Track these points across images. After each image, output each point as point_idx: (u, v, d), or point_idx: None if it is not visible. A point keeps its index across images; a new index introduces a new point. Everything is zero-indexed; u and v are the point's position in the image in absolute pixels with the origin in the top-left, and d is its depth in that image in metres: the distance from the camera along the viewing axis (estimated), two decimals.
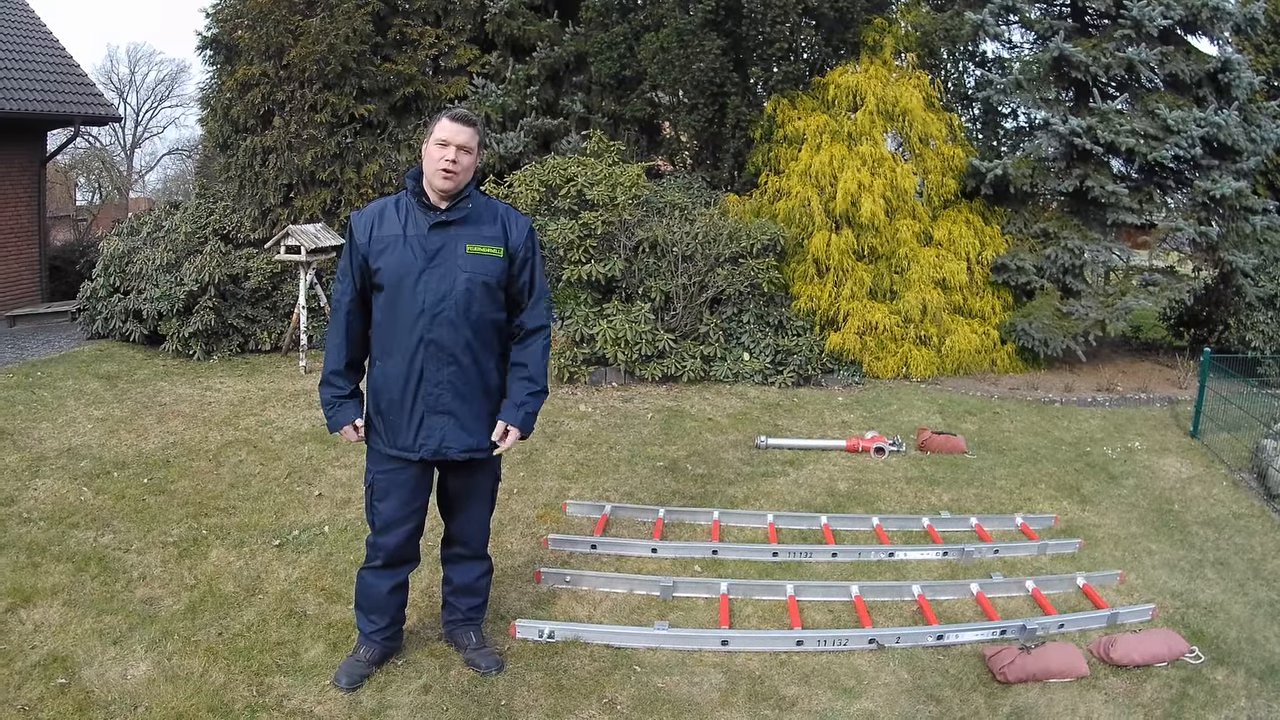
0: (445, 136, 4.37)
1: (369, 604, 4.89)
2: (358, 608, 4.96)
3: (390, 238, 4.45)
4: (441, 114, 4.46)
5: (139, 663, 4.96)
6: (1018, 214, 12.69)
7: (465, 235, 4.50)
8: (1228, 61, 11.77)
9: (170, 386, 10.46)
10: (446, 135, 4.37)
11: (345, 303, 4.58)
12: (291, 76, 13.05)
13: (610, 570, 6.31)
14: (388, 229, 4.46)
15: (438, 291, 4.42)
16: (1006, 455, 8.99)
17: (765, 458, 8.74)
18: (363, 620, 4.94)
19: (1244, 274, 12.13)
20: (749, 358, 11.35)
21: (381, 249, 4.44)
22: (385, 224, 4.48)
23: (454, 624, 5.17)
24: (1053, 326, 11.78)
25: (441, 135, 4.38)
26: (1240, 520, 7.61)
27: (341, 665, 4.89)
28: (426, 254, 4.43)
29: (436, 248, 4.45)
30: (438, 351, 4.48)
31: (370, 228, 4.48)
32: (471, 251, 4.49)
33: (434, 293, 4.42)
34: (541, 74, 14.03)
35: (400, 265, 4.42)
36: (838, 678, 5.09)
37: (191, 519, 6.87)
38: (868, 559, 6.65)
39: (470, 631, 5.13)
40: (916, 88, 12.51)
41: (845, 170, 11.98)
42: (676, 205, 11.98)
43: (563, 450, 8.72)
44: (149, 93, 48.81)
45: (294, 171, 13.29)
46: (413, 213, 4.49)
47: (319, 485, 7.60)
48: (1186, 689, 5.14)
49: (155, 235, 12.99)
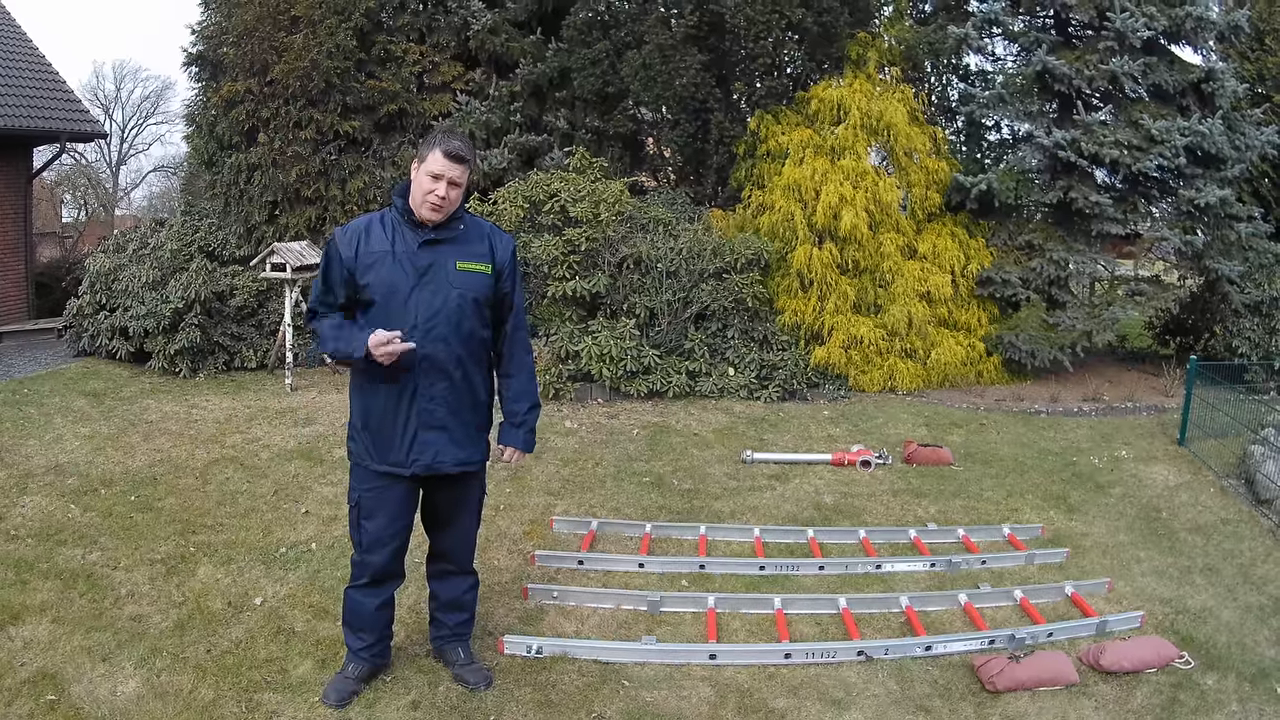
0: (439, 170, 4.34)
1: (357, 621, 4.85)
2: (345, 625, 4.93)
3: (379, 253, 4.41)
4: (437, 143, 4.38)
5: (128, 680, 4.94)
6: (1002, 226, 12.74)
7: (455, 253, 4.49)
8: (1211, 71, 11.86)
9: (157, 404, 10.42)
10: (440, 169, 4.34)
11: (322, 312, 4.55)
12: (276, 93, 13.03)
13: (597, 585, 6.30)
14: (375, 245, 4.43)
15: (430, 308, 4.41)
16: (993, 466, 9.00)
17: (751, 472, 8.73)
18: (351, 637, 4.90)
19: (1230, 281, 12.16)
20: (734, 373, 11.36)
21: (369, 264, 4.40)
22: (372, 240, 4.44)
23: (442, 639, 5.15)
24: (1040, 338, 11.82)
25: (435, 169, 4.34)
26: (1228, 526, 7.63)
27: (330, 682, 4.87)
28: (417, 271, 4.41)
29: (426, 264, 4.43)
30: (430, 367, 4.45)
31: (356, 243, 4.44)
32: (462, 269, 4.48)
33: (426, 309, 4.40)
34: (525, 90, 14.06)
35: (390, 282, 4.39)
36: (826, 690, 5.09)
37: (179, 536, 6.84)
38: (855, 571, 6.63)
39: (458, 647, 5.12)
40: (901, 101, 12.57)
41: (828, 184, 12.01)
42: (660, 221, 12.01)
43: (549, 467, 8.70)
44: (135, 109, 48.50)
45: (279, 188, 13.27)
46: (400, 229, 4.46)
47: (306, 503, 7.57)
48: (1177, 694, 5.15)
49: (141, 253, 12.94)
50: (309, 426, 9.62)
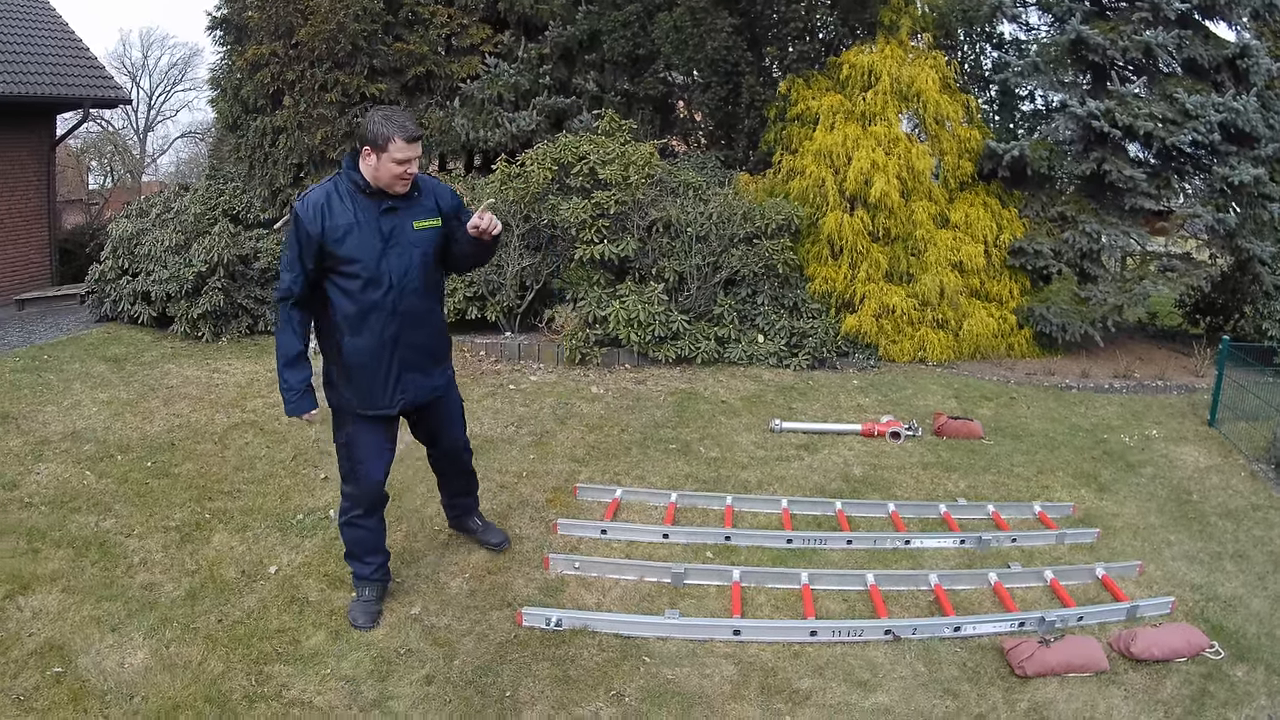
0: (406, 156, 4.80)
1: (363, 549, 5.34)
2: (350, 558, 5.40)
3: (345, 225, 4.82)
4: (395, 130, 4.74)
5: (136, 651, 4.89)
6: (1035, 197, 12.51)
7: (410, 215, 5.00)
8: (1246, 47, 11.57)
9: (178, 369, 10.37)
10: (407, 155, 4.80)
11: (297, 292, 4.90)
12: (301, 56, 12.89)
13: (620, 556, 6.22)
14: (339, 218, 4.82)
15: (400, 268, 4.93)
16: (1023, 441, 8.85)
17: (779, 441, 8.61)
18: (360, 566, 5.38)
19: (1261, 262, 11.94)
20: (763, 340, 11.22)
21: (339, 236, 4.80)
22: (335, 213, 4.83)
23: (460, 515, 6.16)
24: (1070, 311, 11.62)
25: (401, 155, 4.78)
26: (1259, 512, 7.47)
27: (352, 611, 5.32)
28: (382, 237, 4.89)
29: (390, 229, 4.92)
30: (409, 320, 5.02)
31: (321, 218, 4.80)
32: (419, 227, 5.02)
33: (398, 269, 4.92)
34: (554, 53, 13.89)
35: (363, 249, 4.84)
36: (852, 670, 4.99)
37: (194, 503, 6.79)
38: (883, 546, 6.53)
39: (474, 516, 6.18)
40: (933, 68, 12.33)
41: (859, 150, 11.80)
42: (690, 185, 11.84)
43: (574, 433, 8.61)
44: (162, 76, 48.64)
45: (304, 151, 13.16)
46: (356, 199, 4.88)
47: (324, 469, 7.48)
48: (1207, 686, 5.04)
49: (164, 217, 12.87)
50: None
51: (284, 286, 4.90)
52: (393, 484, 6.01)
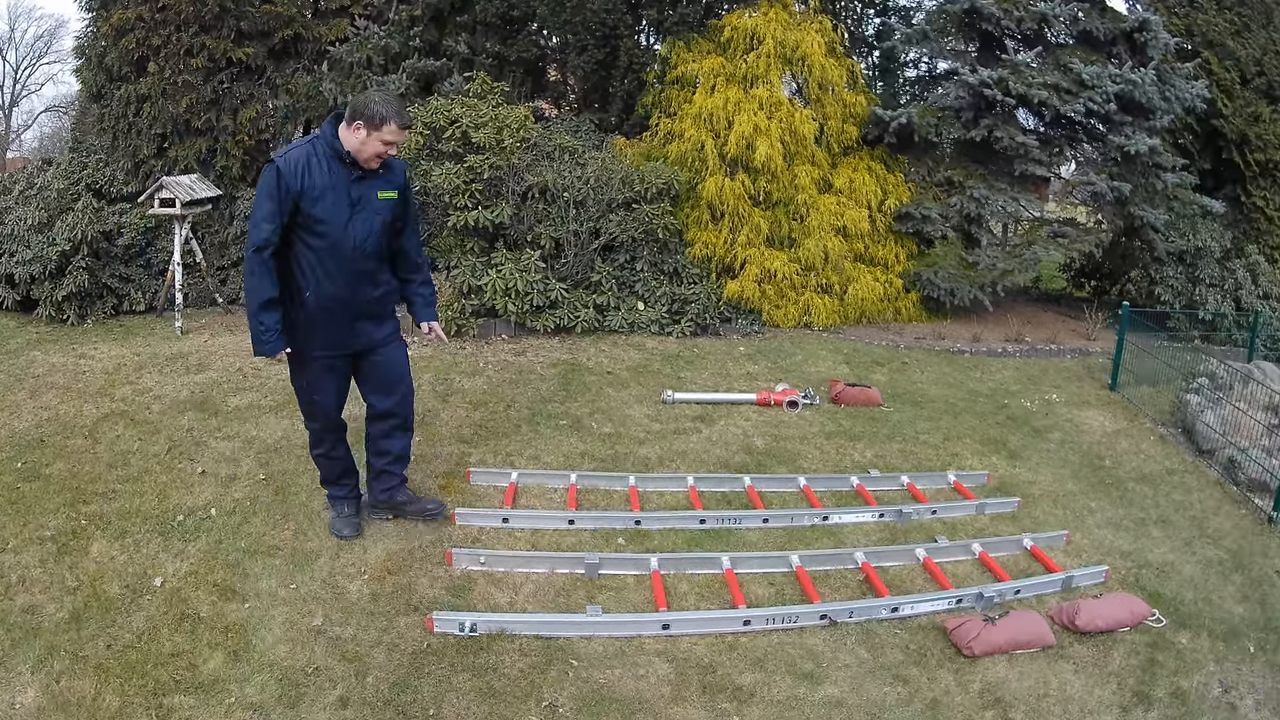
0: (394, 139, 5.19)
1: (334, 474, 5.87)
2: (325, 482, 5.94)
3: (321, 187, 5.15)
4: (391, 116, 5.12)
5: (26, 688, 4.33)
6: (920, 162, 12.47)
7: (376, 185, 5.38)
8: (1145, 21, 11.73)
9: (44, 356, 9.53)
10: (396, 139, 5.20)
11: (275, 242, 5.14)
12: (168, 19, 12.18)
13: (527, 548, 5.82)
14: (317, 180, 5.15)
15: (363, 232, 5.33)
16: (924, 408, 8.70)
17: (673, 414, 8.26)
18: (334, 488, 5.92)
19: (1154, 229, 12.17)
20: (644, 307, 10.89)
21: (315, 197, 5.13)
22: (313, 175, 5.14)
23: (393, 489, 6.03)
24: (959, 276, 11.58)
25: (391, 138, 5.17)
26: (1174, 476, 7.45)
27: (334, 525, 5.87)
28: (351, 202, 5.26)
29: (359, 197, 5.29)
30: (366, 279, 5.44)
31: (301, 176, 5.10)
32: (382, 198, 5.40)
33: (361, 233, 5.32)
34: (425, 14, 13.34)
35: (334, 212, 5.20)
36: (794, 661, 4.71)
37: (69, 507, 6.13)
38: (801, 524, 6.27)
39: (405, 488, 6.11)
40: (818, 32, 12.12)
41: (741, 114, 11.55)
42: (566, 149, 11.45)
43: (458, 411, 8.12)
44: (28, 49, 46.50)
45: (168, 120, 12.44)
46: (331, 164, 5.19)
47: (201, 461, 6.89)
48: (1154, 655, 4.98)
49: (27, 194, 12.03)
50: (202, 373, 8.86)
51: (263, 237, 5.10)
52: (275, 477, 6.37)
